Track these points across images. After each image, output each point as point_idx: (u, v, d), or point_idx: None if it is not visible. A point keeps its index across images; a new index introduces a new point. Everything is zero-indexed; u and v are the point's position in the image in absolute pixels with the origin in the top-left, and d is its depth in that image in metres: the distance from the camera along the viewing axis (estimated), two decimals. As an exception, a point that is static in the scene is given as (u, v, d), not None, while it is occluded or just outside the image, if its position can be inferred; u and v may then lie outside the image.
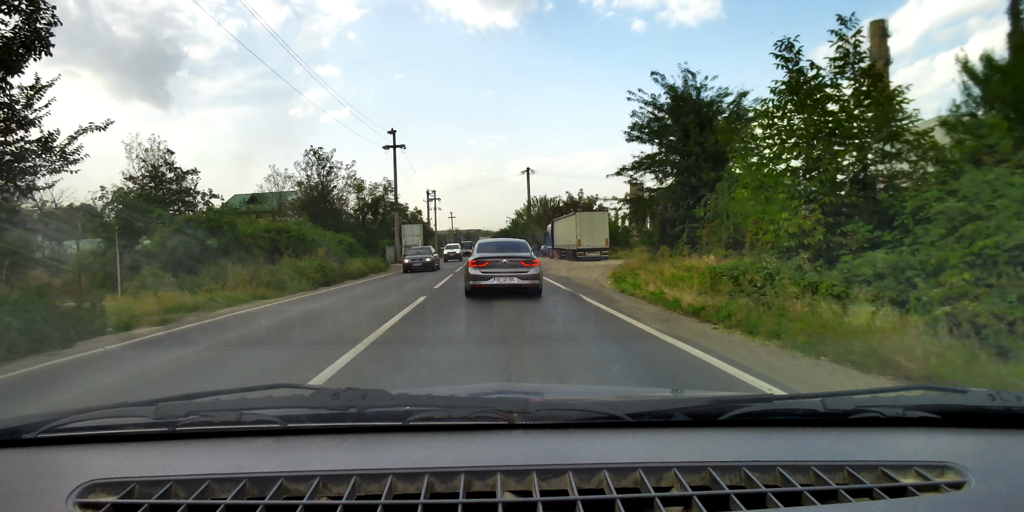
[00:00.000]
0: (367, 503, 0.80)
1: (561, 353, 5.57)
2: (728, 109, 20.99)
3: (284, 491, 0.86)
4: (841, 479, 0.86)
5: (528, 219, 59.42)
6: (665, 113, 21.67)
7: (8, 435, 1.05)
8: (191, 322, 9.40)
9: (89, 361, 6.24)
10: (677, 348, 5.80)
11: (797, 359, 5.25)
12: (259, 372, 5.19)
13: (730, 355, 5.33)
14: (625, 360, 5.32)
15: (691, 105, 20.82)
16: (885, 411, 1.06)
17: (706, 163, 19.54)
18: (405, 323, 8.20)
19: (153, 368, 5.65)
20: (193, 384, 4.77)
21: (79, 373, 5.58)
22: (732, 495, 0.80)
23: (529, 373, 4.74)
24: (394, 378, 4.71)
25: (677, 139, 21.03)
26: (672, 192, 21.30)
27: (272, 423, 1.04)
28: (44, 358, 6.36)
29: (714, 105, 21.13)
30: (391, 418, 1.06)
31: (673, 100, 21.26)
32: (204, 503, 0.82)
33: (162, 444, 1.05)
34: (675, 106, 21.11)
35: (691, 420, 1.06)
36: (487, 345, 6.29)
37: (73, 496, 0.84)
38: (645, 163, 22.55)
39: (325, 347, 6.31)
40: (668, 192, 21.60)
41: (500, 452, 0.97)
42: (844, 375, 4.61)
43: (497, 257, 11.25)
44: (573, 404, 1.14)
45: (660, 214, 22.03)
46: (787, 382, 4.30)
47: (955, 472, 0.87)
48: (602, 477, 0.86)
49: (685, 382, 4.44)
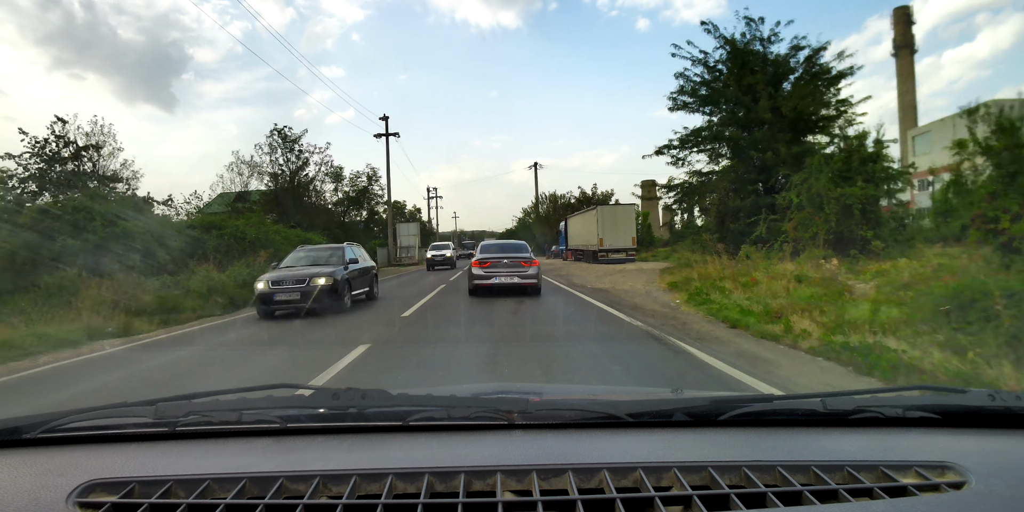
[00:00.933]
0: (367, 503, 0.80)
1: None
2: (802, 67, 16.37)
3: (284, 491, 0.86)
4: (841, 479, 0.86)
5: (536, 218, 54.89)
6: (721, 73, 17.18)
7: (8, 435, 1.05)
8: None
9: None
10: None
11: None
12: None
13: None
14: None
15: (756, 60, 16.55)
16: (885, 411, 1.05)
17: (782, 134, 15.29)
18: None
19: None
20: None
21: None
22: (732, 495, 0.80)
23: None
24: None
25: (738, 105, 16.62)
26: (733, 174, 16.67)
27: (272, 423, 1.04)
28: None
29: (789, 60, 16.57)
30: (391, 418, 1.06)
31: (732, 55, 16.75)
32: (204, 503, 0.82)
33: (162, 444, 1.05)
34: (735, 63, 16.66)
35: (691, 420, 1.06)
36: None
37: (73, 496, 0.84)
38: (692, 140, 18.01)
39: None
40: (728, 175, 16.90)
41: (500, 452, 0.97)
42: None
43: (499, 258, 11.87)
44: (573, 404, 1.14)
45: (718, 203, 17.21)
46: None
47: (955, 472, 0.87)
48: (602, 477, 0.86)
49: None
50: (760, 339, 6.29)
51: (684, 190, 19.73)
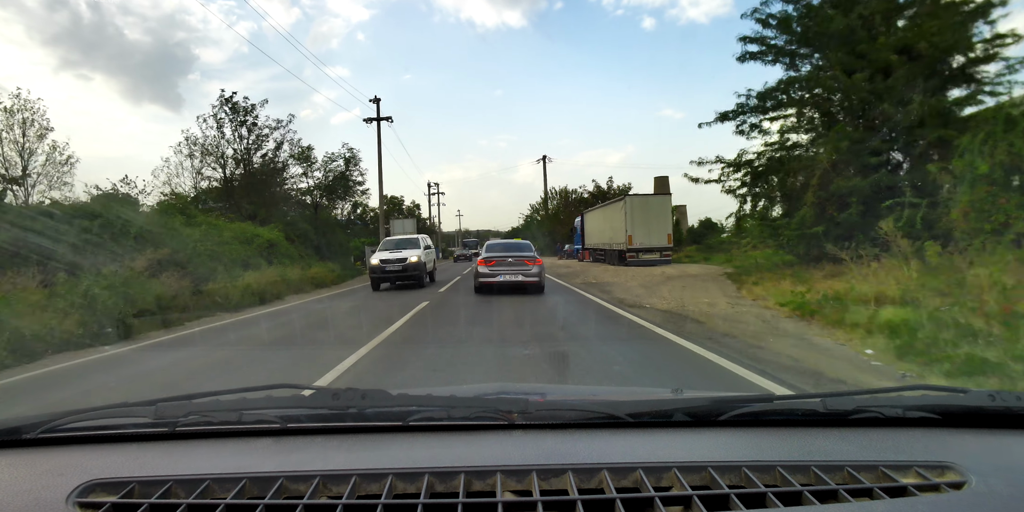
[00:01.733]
0: (367, 503, 0.80)
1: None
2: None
3: (284, 491, 0.86)
4: (841, 479, 0.86)
5: (544, 215, 50.65)
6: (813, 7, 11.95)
7: (8, 435, 1.05)
8: None
9: None
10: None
11: None
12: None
13: None
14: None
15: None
16: (885, 411, 1.05)
17: (918, 82, 10.43)
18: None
19: None
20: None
21: None
22: (732, 495, 0.80)
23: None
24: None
25: (848, 43, 11.36)
26: (843, 142, 11.03)
27: (272, 423, 1.05)
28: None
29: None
30: (391, 418, 1.06)
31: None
32: (204, 503, 0.82)
33: (162, 444, 1.05)
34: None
35: (691, 420, 1.06)
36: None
37: (73, 496, 0.84)
38: (777, 97, 12.71)
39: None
40: (834, 144, 11.20)
41: (500, 452, 0.97)
42: None
43: (503, 256, 12.33)
44: (573, 404, 1.14)
45: (817, 185, 11.52)
46: None
47: (955, 472, 0.87)
48: (602, 477, 0.86)
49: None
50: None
51: (757, 169, 13.86)
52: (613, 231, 23.77)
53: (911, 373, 4.80)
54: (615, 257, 23.38)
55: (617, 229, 23.02)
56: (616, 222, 23.27)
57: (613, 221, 23.89)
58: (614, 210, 24.13)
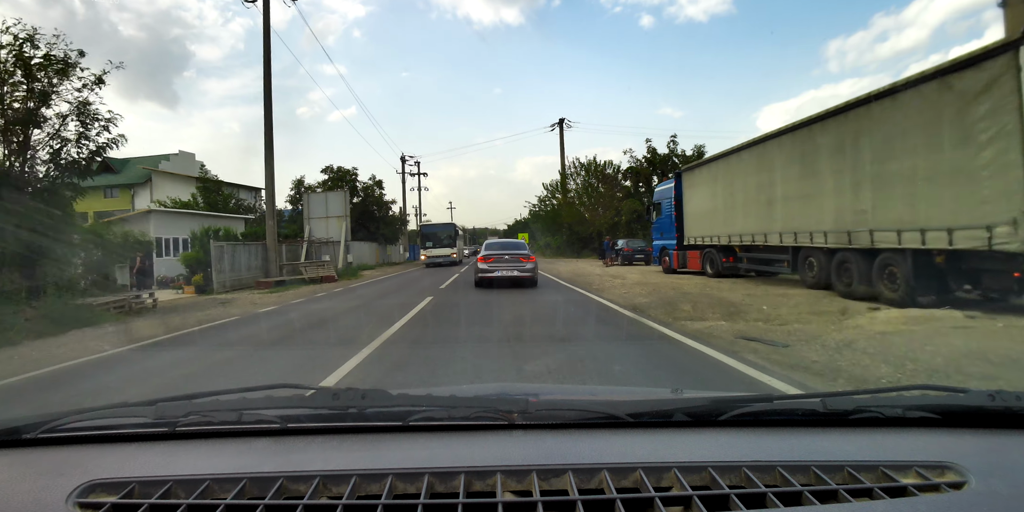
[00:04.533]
0: (367, 503, 0.80)
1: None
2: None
3: (284, 491, 0.86)
4: (841, 479, 0.86)
5: (563, 200, 35.49)
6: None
7: (8, 435, 1.05)
8: None
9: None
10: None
11: None
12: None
13: None
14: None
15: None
16: (885, 411, 1.05)
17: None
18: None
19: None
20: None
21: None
22: (732, 495, 0.80)
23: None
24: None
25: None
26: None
27: (272, 423, 1.04)
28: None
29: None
30: (391, 418, 1.06)
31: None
32: (204, 503, 0.82)
33: (162, 444, 1.05)
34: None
35: (691, 420, 1.06)
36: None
37: (73, 496, 0.84)
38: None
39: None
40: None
41: (500, 452, 0.97)
42: None
43: (501, 254, 14.12)
44: (573, 404, 1.14)
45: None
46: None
47: (955, 472, 0.87)
48: (602, 477, 0.86)
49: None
50: None
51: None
52: (804, 198, 10.76)
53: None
54: (819, 271, 10.70)
55: (822, 190, 10.17)
56: (821, 174, 10.23)
57: (799, 175, 10.90)
58: (814, 142, 10.44)
